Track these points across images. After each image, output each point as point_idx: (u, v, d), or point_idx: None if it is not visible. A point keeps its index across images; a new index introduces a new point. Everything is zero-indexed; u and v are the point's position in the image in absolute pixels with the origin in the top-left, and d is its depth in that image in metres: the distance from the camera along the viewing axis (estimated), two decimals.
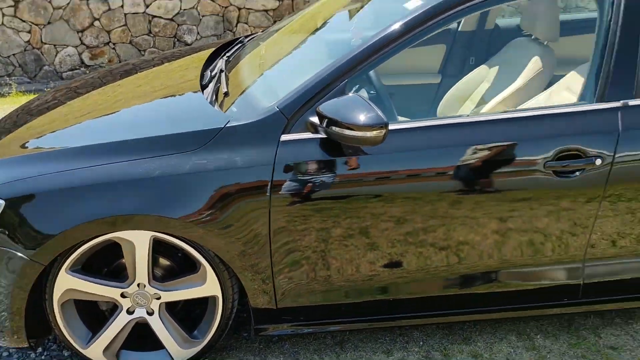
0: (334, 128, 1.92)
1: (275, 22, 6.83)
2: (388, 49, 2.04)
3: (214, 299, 2.20)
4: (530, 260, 2.22)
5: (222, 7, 6.91)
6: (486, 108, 2.47)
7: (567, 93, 2.29)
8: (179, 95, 2.60)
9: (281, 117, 2.04)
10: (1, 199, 2.00)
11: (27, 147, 2.29)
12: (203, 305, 2.28)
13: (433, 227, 2.11)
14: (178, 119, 2.27)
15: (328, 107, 1.95)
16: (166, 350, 2.25)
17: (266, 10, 7.02)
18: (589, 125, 2.10)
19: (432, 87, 3.36)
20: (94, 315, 2.29)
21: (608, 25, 2.09)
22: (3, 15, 6.58)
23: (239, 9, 6.95)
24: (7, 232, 2.00)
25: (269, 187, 2.01)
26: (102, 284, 2.14)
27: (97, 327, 2.22)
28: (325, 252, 2.12)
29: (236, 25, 7.00)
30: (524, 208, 2.12)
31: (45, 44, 6.87)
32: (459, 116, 2.57)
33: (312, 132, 2.03)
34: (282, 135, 2.03)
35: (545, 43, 2.57)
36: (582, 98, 2.16)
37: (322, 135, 2.00)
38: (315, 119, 2.00)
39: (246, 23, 7.01)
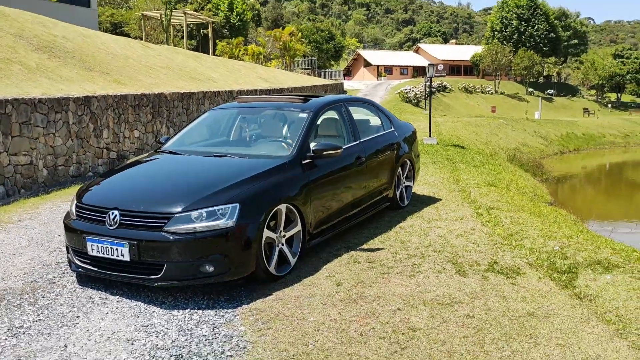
0: (325, 152, 5.48)
1: None
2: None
3: (299, 232, 5.24)
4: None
5: None
6: None
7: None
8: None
9: (298, 156, 5.44)
10: (237, 202, 4.62)
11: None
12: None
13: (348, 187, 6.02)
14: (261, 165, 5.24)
15: (318, 146, 5.50)
16: (288, 262, 5.12)
17: None
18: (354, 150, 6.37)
19: None
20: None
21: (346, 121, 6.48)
22: None
23: None
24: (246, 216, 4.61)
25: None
26: (274, 233, 4.91)
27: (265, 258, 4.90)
28: (326, 201, 5.60)
29: None
30: (351, 179, 6.17)
31: None
32: None
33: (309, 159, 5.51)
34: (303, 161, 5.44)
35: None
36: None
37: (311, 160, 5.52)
38: (310, 153, 5.49)
39: None
